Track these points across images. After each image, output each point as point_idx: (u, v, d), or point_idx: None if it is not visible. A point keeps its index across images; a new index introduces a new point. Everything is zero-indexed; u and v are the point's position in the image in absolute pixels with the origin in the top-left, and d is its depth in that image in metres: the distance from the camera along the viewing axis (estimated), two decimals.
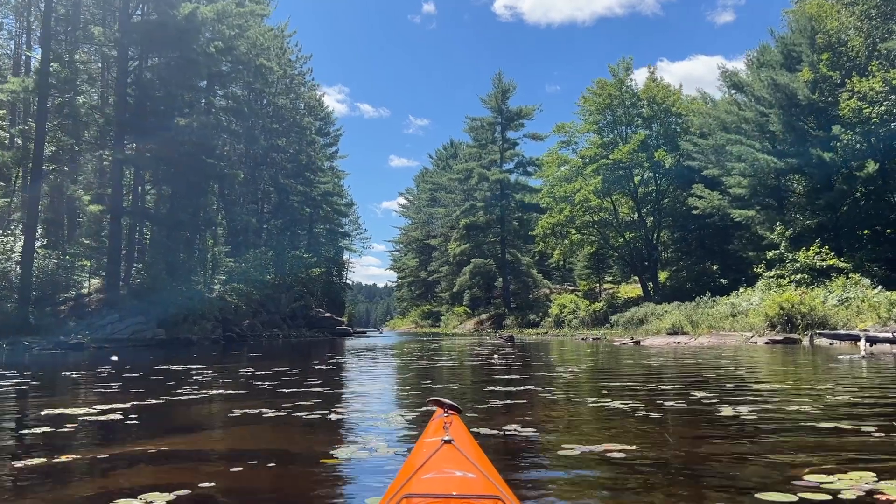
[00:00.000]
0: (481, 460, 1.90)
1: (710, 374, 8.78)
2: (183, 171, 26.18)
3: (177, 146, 24.99)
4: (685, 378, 8.32)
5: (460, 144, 79.92)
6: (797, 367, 10.42)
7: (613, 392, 6.47)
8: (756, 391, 6.38)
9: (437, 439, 1.92)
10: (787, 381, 7.70)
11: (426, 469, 1.71)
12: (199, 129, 25.03)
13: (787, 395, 6.10)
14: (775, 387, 6.94)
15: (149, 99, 26.34)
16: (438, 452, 1.81)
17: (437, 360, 13.32)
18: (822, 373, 8.93)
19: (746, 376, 8.42)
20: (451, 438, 1.89)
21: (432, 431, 2.18)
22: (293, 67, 45.93)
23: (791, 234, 26.73)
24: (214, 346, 25.52)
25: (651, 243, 39.91)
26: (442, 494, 1.54)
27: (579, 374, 9.15)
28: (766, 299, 22.21)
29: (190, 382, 7.89)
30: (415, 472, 1.70)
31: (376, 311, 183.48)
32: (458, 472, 1.68)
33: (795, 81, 28.86)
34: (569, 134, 42.08)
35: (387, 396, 6.82)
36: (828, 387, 6.63)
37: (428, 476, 1.66)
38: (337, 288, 62.81)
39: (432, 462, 1.75)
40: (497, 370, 9.78)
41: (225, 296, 35.09)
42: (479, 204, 59.73)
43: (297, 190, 48.72)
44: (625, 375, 8.96)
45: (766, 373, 9.23)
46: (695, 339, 19.00)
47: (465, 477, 1.66)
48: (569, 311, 42.60)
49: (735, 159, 31.00)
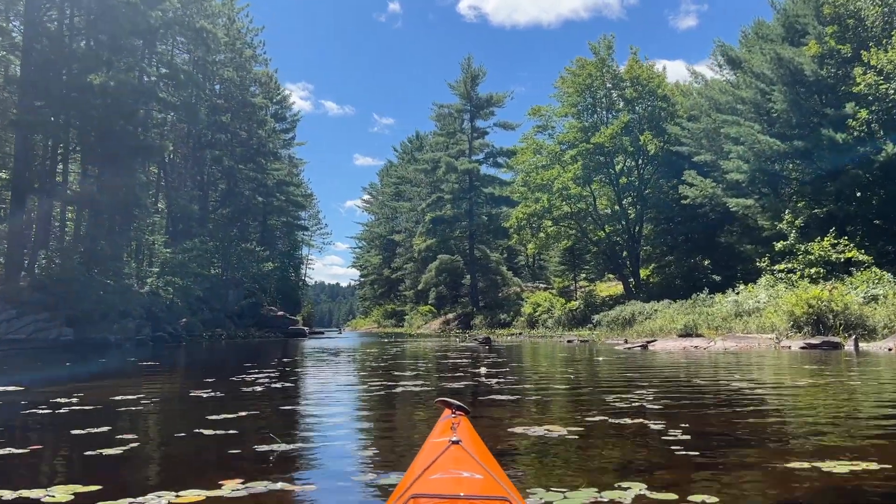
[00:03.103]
0: (489, 461, 1.89)
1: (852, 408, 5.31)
2: (100, 139, 21.96)
3: (89, 109, 20.81)
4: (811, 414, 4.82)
5: (426, 136, 76.31)
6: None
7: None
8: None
9: (445, 440, 1.90)
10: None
11: (433, 469, 1.70)
12: (116, 88, 20.84)
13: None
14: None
15: (60, 54, 22.06)
16: (446, 453, 1.79)
17: (398, 373, 9.69)
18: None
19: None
20: (459, 439, 1.87)
21: (440, 432, 2.16)
22: (242, 40, 41.55)
23: (801, 223, 23.72)
24: (137, 349, 21.50)
25: (633, 237, 36.81)
26: (449, 495, 1.52)
27: (673, 411, 5.39)
28: (785, 297, 19.07)
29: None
30: (422, 473, 1.68)
31: (340, 311, 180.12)
32: (465, 473, 1.66)
33: (801, 56, 25.96)
34: (545, 118, 38.71)
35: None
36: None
37: (435, 476, 1.65)
38: (293, 285, 58.52)
39: (440, 462, 1.74)
40: (506, 405, 5.98)
41: (159, 290, 30.82)
42: (446, 196, 56.07)
43: (247, 176, 44.33)
44: (755, 419, 5.41)
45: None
46: (713, 343, 15.72)
47: (473, 478, 1.64)
48: (543, 311, 39.42)
49: (732, 142, 27.98)
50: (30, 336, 20.59)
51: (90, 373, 10.95)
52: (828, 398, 6.02)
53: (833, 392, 6.48)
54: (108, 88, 20.62)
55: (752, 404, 5.68)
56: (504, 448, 3.57)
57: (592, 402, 5.99)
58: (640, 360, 12.33)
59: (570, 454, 3.46)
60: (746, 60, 29.66)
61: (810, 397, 6.12)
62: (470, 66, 56.97)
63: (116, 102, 21.13)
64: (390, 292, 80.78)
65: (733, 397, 6.10)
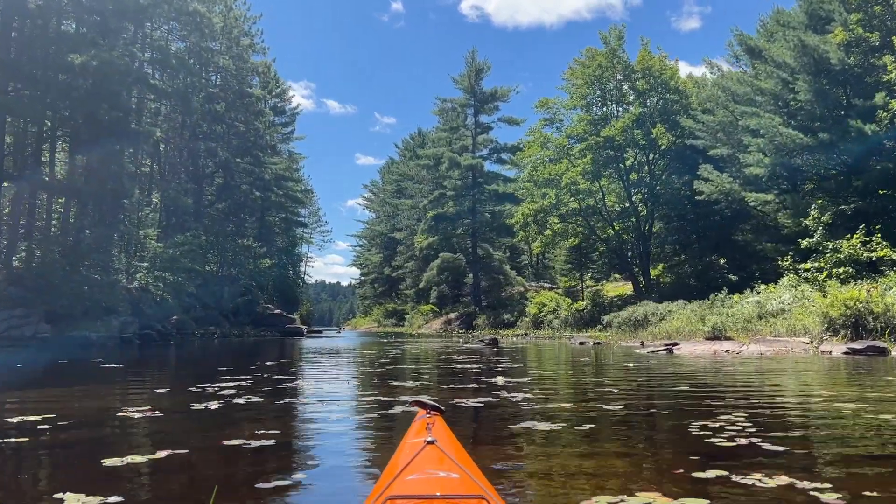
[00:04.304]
0: (465, 460, 1.87)
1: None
2: (83, 124, 20.54)
3: (70, 91, 19.39)
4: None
5: (428, 133, 74.83)
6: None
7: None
8: None
9: (421, 440, 1.86)
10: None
11: (410, 470, 1.66)
12: (99, 69, 19.39)
13: None
14: None
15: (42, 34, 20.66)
16: (422, 453, 1.76)
17: (397, 383, 8.31)
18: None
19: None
20: (434, 439, 1.83)
21: (415, 432, 2.12)
22: (239, 28, 40.06)
23: (828, 219, 22.29)
24: (120, 348, 20.15)
25: (643, 234, 35.36)
26: (426, 495, 1.48)
27: (798, 452, 3.84)
28: (817, 297, 17.68)
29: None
30: (398, 474, 1.64)
31: (340, 310, 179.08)
32: (441, 473, 1.63)
33: (826, 44, 24.53)
34: (553, 111, 37.26)
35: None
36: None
37: (412, 477, 1.61)
38: (291, 283, 57.11)
39: (416, 463, 1.70)
40: (553, 441, 4.45)
41: (148, 286, 29.45)
42: (448, 193, 54.64)
43: (244, 170, 42.87)
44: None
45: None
46: (745, 347, 14.32)
47: (449, 477, 1.60)
48: (549, 311, 38.01)
49: (751, 135, 26.57)
50: (3, 333, 19.23)
51: (27, 377, 9.54)
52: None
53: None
54: (91, 69, 19.20)
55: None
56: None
57: (675, 436, 4.31)
58: (677, 366, 10.93)
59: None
60: (766, 50, 28.21)
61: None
62: (474, 59, 55.56)
63: (100, 84, 19.70)
64: (391, 291, 79.37)
65: (857, 426, 4.57)
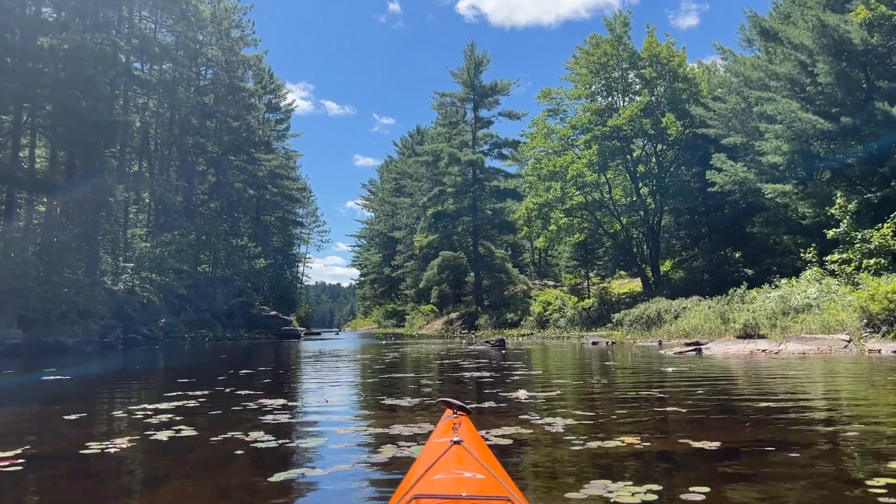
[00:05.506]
0: (490, 461, 1.85)
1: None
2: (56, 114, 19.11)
3: (38, 76, 17.95)
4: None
5: (427, 131, 73.38)
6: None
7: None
8: None
9: (447, 440, 1.85)
10: None
11: (435, 470, 1.65)
12: (71, 53, 17.95)
13: None
14: None
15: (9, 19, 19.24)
16: (448, 453, 1.75)
17: (393, 401, 6.92)
18: None
19: None
20: (461, 439, 1.82)
21: (441, 432, 2.10)
22: (230, 19, 38.55)
23: (856, 207, 20.89)
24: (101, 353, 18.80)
25: (652, 228, 33.93)
26: (451, 495, 1.48)
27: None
28: (854, 291, 16.29)
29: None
30: (424, 473, 1.64)
31: (340, 312, 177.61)
32: (467, 473, 1.62)
33: (848, 23, 23.12)
34: (556, 101, 35.83)
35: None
36: None
37: (437, 477, 1.61)
38: (287, 283, 55.68)
39: (441, 463, 1.69)
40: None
41: (134, 288, 28.02)
42: (448, 190, 53.18)
43: (237, 167, 41.40)
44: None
45: None
46: (782, 346, 12.92)
47: (475, 478, 1.60)
48: (554, 309, 36.55)
49: (767, 122, 25.16)
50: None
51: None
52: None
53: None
54: (60, 53, 17.78)
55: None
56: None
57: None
58: (724, 370, 9.53)
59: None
60: (782, 31, 26.79)
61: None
62: (473, 52, 54.09)
63: (72, 70, 18.26)
64: (391, 291, 77.92)
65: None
